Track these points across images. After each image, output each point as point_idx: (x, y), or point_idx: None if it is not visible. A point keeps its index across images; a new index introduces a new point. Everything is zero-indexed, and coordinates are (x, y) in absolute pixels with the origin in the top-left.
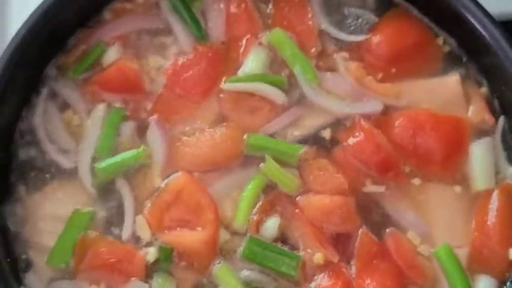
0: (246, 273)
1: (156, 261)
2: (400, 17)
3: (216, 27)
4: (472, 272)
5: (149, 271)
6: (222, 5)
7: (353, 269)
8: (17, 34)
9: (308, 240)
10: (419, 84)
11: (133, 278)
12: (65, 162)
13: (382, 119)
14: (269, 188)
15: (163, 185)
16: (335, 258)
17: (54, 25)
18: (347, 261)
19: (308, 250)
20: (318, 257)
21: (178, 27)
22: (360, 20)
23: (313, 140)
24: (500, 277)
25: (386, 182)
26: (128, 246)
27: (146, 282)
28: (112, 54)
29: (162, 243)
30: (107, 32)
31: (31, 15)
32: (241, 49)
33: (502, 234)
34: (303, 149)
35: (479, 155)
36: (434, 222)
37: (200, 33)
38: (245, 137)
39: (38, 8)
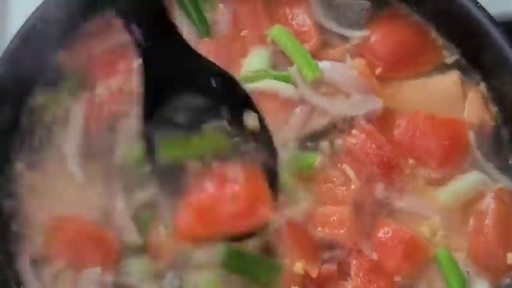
0: None
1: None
2: (396, 16)
3: (223, 22)
4: (469, 275)
5: (121, 253)
6: None
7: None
8: (17, 34)
9: (292, 251)
10: (417, 83)
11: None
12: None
13: (381, 120)
14: None
15: None
16: (314, 274)
17: (55, 26)
18: (345, 278)
19: (291, 261)
20: (298, 267)
21: (182, 22)
22: (354, 9)
23: (316, 142)
24: (497, 281)
25: (392, 182)
26: (99, 225)
27: (117, 264)
28: None
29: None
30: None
31: (31, 16)
32: (245, 46)
33: (499, 238)
34: (317, 158)
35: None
36: None
37: (204, 28)
38: None
39: (39, 8)
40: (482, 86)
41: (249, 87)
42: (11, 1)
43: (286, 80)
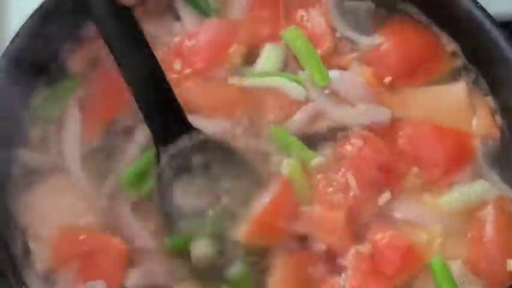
0: None
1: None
2: (405, 23)
3: (237, 5)
4: (469, 284)
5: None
6: None
7: None
8: (16, 35)
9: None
10: (425, 92)
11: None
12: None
13: (385, 128)
14: None
15: None
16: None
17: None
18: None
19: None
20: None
21: (180, 4)
22: (361, 14)
23: (315, 146)
24: None
25: (391, 188)
26: (106, 235)
27: (126, 272)
28: None
29: None
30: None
31: (31, 16)
32: (255, 36)
33: (499, 246)
34: (318, 159)
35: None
36: None
37: (207, 7)
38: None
39: (39, 8)
40: (489, 94)
41: (258, 81)
42: (11, 1)
43: (298, 82)
